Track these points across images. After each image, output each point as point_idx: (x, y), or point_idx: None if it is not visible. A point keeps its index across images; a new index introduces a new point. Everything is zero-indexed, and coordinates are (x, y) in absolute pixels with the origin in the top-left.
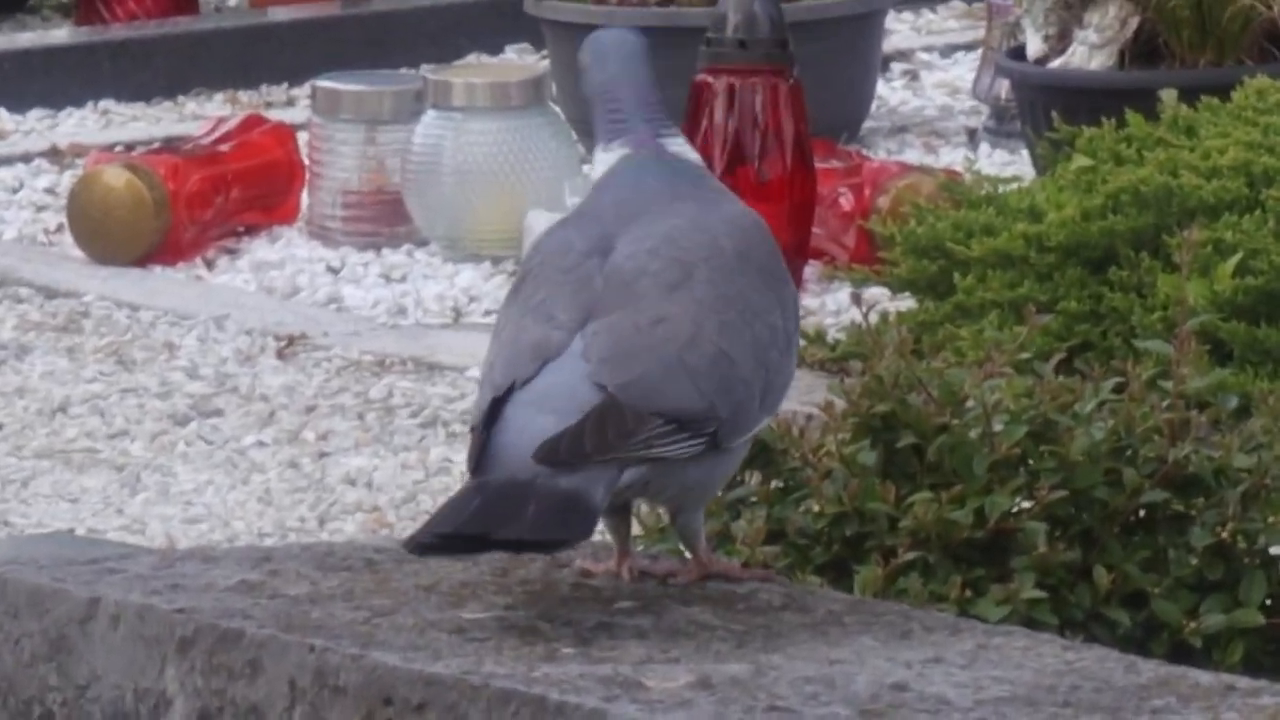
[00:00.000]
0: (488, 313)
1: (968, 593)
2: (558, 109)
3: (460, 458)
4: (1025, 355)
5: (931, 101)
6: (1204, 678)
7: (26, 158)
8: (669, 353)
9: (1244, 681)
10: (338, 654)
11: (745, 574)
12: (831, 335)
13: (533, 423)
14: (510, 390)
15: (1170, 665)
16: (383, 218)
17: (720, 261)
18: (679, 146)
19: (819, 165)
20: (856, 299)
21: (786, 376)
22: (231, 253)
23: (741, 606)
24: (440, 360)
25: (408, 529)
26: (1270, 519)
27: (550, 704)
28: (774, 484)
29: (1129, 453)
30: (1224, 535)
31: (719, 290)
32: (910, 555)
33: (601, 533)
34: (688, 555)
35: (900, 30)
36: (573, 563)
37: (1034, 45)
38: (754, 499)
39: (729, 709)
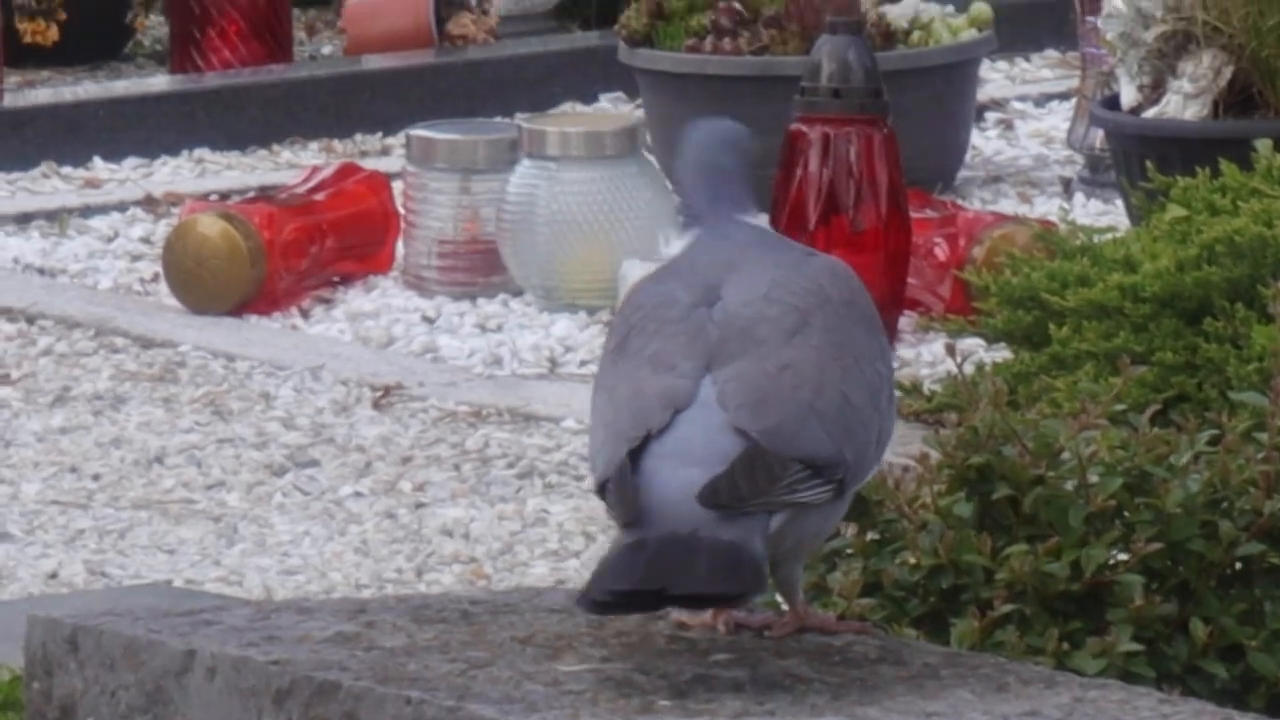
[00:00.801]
0: (583, 363)
1: (1064, 645)
2: (652, 158)
3: (557, 509)
4: (1120, 407)
5: (1026, 151)
6: None
7: (122, 207)
8: (802, 398)
9: None
10: (434, 706)
11: (841, 626)
12: (927, 386)
13: (679, 473)
14: (645, 441)
15: (1267, 718)
16: (478, 267)
17: (831, 308)
18: (755, 220)
19: (914, 215)
20: (951, 350)
21: (892, 423)
22: (326, 302)
23: (837, 659)
24: (536, 411)
25: (505, 580)
26: None
27: None
28: (870, 536)
29: (1224, 505)
30: None
31: (834, 336)
32: (1006, 608)
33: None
34: (784, 607)
35: (995, 79)
36: (669, 615)
37: (1128, 94)
38: (850, 551)
39: None
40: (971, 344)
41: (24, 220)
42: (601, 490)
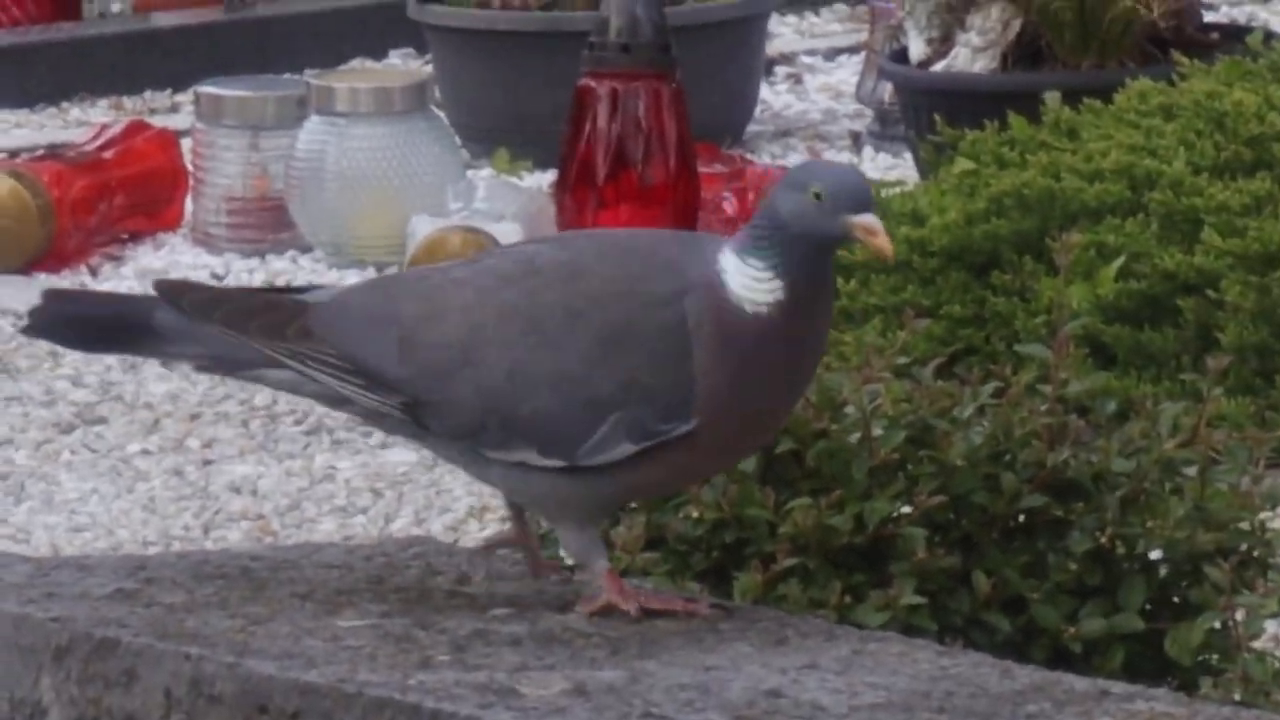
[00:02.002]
0: None
1: (847, 599)
2: (440, 114)
3: (344, 465)
4: (906, 360)
5: (815, 105)
6: (1079, 683)
7: None
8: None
9: (1119, 686)
10: (213, 662)
11: (663, 603)
12: None
13: None
14: None
15: (1045, 671)
16: (267, 224)
17: (541, 281)
18: (740, 257)
19: (702, 169)
20: None
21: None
22: (116, 260)
23: (616, 613)
24: None
25: (292, 536)
26: (1149, 524)
27: (425, 711)
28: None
29: (1007, 458)
30: (1103, 540)
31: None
32: (789, 561)
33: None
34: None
35: (783, 34)
36: (448, 572)
37: (917, 48)
38: (634, 505)
39: (604, 716)
40: None
41: None
42: None
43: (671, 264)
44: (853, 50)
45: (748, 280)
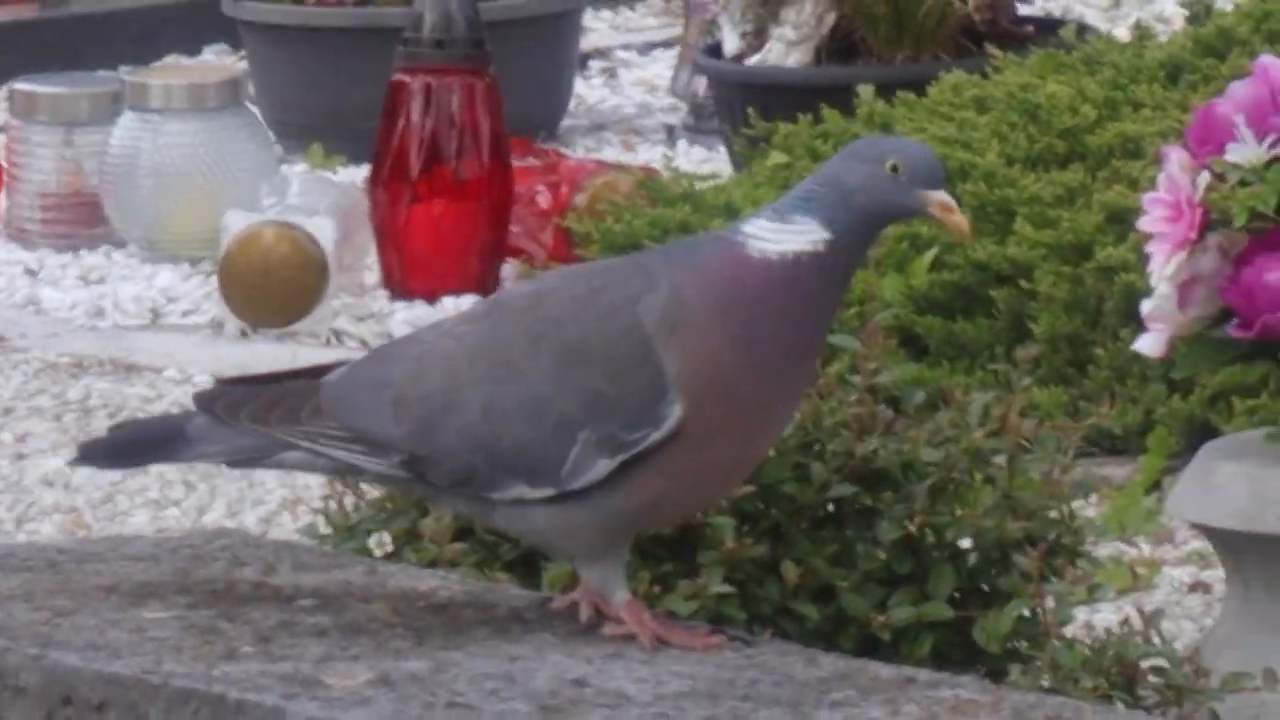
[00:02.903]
0: (186, 313)
1: (656, 588)
2: (255, 110)
3: None
4: None
5: (630, 99)
6: (884, 670)
7: None
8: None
9: (924, 674)
10: (17, 654)
11: (686, 639)
12: None
13: None
14: None
15: (850, 659)
16: (81, 219)
17: (509, 316)
18: (754, 225)
19: (517, 164)
20: None
21: (515, 440)
22: None
23: (422, 604)
24: (138, 361)
25: (105, 529)
26: (958, 512)
27: (230, 702)
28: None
29: (817, 447)
30: (912, 529)
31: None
32: None
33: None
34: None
35: (598, 28)
36: (253, 563)
37: (731, 42)
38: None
39: (409, 706)
40: None
41: None
42: None
43: (644, 270)
44: (667, 44)
45: (783, 232)
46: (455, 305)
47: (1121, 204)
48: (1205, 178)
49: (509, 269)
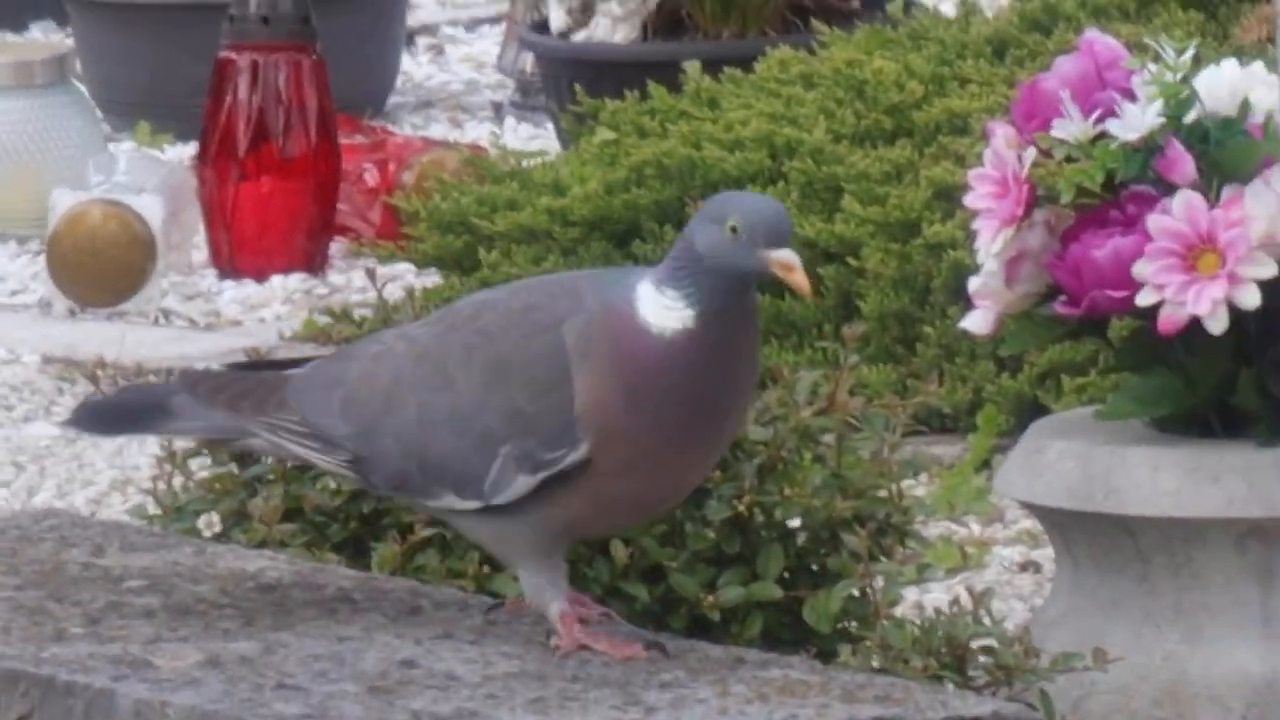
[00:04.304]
0: (14, 293)
1: (484, 569)
2: (81, 87)
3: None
4: None
5: (457, 76)
6: (714, 651)
7: None
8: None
9: (753, 654)
10: None
11: (612, 648)
12: (357, 313)
13: None
14: None
15: (681, 639)
16: None
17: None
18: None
19: (344, 141)
20: (372, 274)
21: (444, 451)
22: None
23: (251, 585)
24: None
25: None
26: (787, 491)
27: (59, 684)
28: (290, 462)
29: None
30: (741, 508)
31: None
32: (427, 532)
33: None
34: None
35: (425, 5)
36: (81, 543)
37: (557, 18)
38: (271, 476)
39: (237, 687)
40: (402, 269)
41: None
42: None
43: (575, 293)
44: (494, 20)
45: (659, 307)
46: (283, 284)
47: (949, 180)
48: (1031, 154)
49: (337, 247)
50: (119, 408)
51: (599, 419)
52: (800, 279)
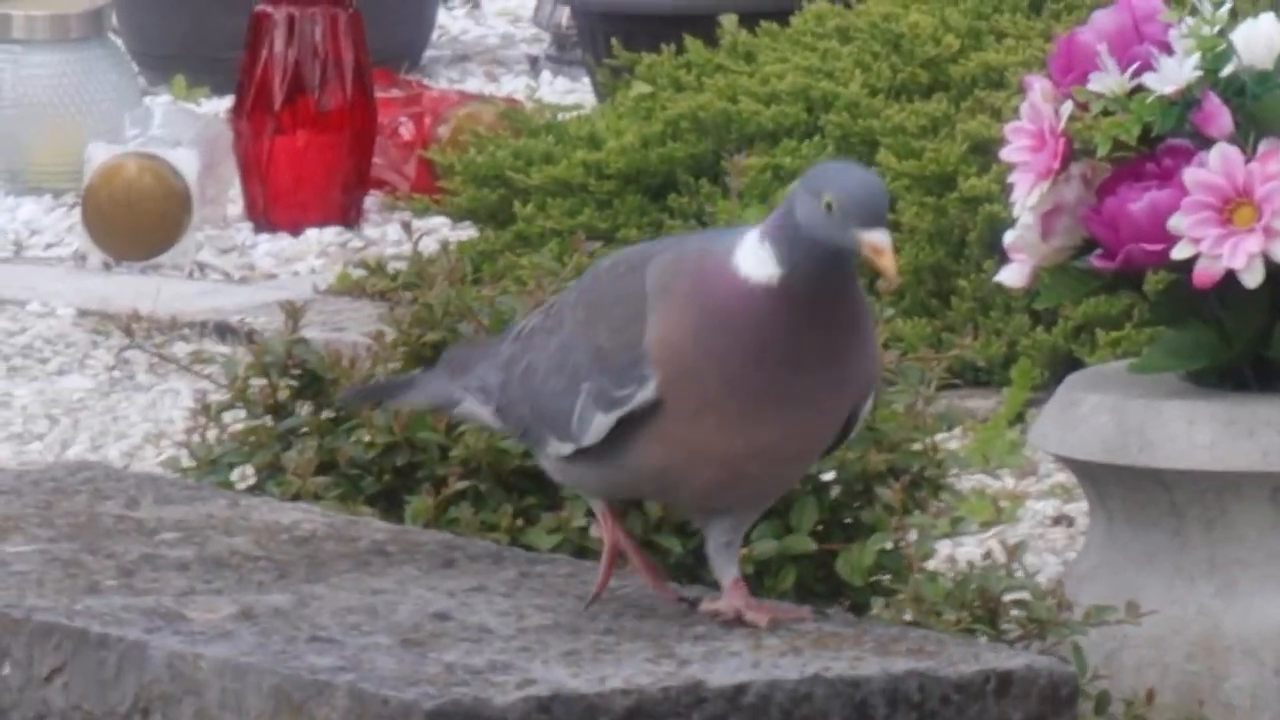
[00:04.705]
0: (49, 246)
1: (519, 522)
2: (117, 41)
3: (21, 391)
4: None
5: (493, 30)
6: None
7: None
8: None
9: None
10: None
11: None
12: (393, 266)
13: None
14: None
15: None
16: None
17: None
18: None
19: (379, 95)
20: (407, 227)
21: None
22: None
23: (285, 537)
24: (0, 294)
25: None
26: None
27: (92, 636)
28: (325, 414)
29: None
30: None
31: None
32: (461, 485)
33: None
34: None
35: None
36: (117, 496)
37: None
38: (305, 429)
39: (271, 639)
40: (437, 222)
41: None
42: None
43: (680, 240)
44: None
45: (754, 257)
46: (318, 237)
47: (985, 134)
48: (1068, 107)
49: (372, 201)
50: (379, 386)
51: (667, 356)
52: (888, 263)
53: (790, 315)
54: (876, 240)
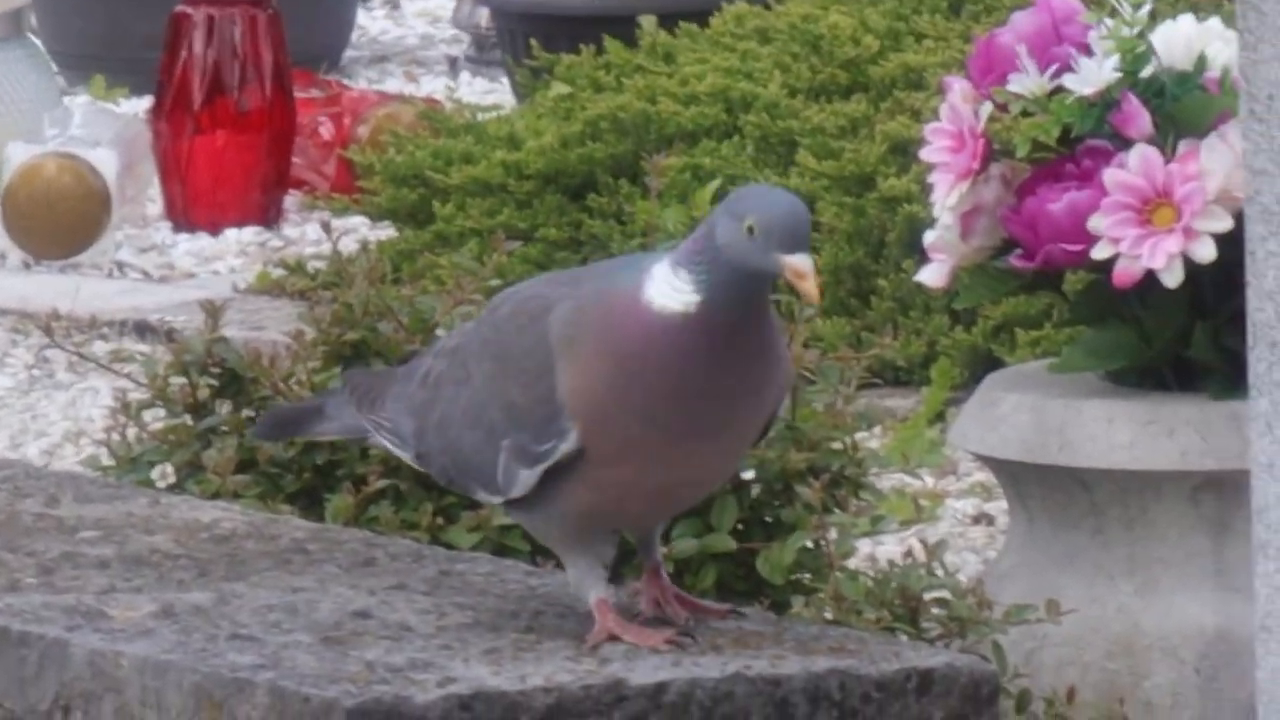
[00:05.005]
0: None
1: (439, 520)
2: (37, 41)
3: None
4: (496, 282)
5: (413, 30)
6: None
7: None
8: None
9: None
10: None
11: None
12: (312, 265)
13: None
14: None
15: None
16: None
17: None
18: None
19: (299, 95)
20: (326, 226)
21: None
22: None
23: (205, 535)
24: None
25: None
26: None
27: (13, 634)
28: (244, 413)
29: None
30: None
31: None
32: (381, 483)
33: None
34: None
35: None
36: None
37: None
38: (225, 428)
39: (191, 637)
40: (356, 222)
41: None
42: None
43: (577, 279)
44: None
45: (667, 287)
46: (237, 237)
47: (904, 135)
48: (988, 108)
49: (291, 200)
50: (289, 416)
51: (585, 406)
52: (810, 287)
53: (709, 343)
54: (798, 264)
